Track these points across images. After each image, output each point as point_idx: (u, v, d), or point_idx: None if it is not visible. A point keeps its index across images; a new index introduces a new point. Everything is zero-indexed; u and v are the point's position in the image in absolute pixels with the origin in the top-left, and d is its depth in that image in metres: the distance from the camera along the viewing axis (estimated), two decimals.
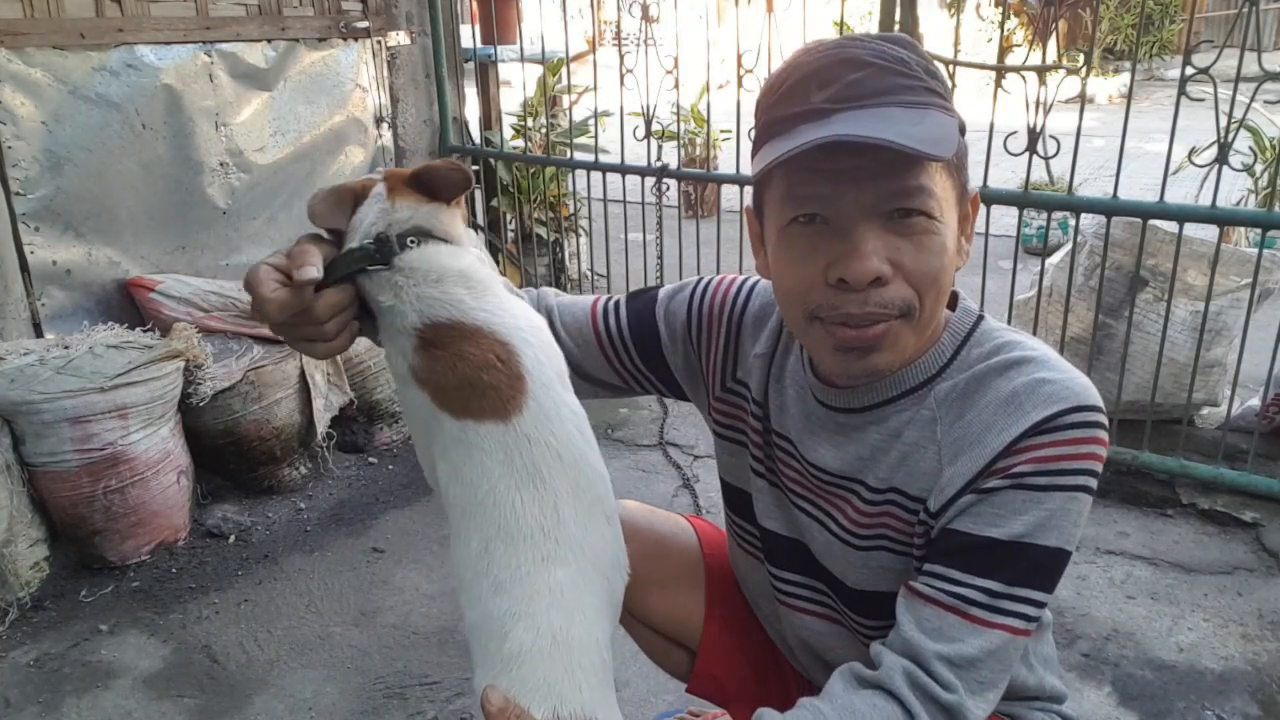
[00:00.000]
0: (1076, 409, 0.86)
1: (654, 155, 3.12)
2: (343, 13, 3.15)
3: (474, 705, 1.90)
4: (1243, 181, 3.84)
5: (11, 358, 2.24)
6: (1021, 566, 0.86)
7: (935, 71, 0.89)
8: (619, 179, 3.31)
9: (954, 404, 0.92)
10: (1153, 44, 13.06)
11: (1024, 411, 0.86)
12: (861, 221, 0.85)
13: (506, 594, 0.85)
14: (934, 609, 0.87)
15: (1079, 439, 0.86)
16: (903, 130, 0.81)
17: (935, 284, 0.88)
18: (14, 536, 2.20)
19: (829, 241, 0.87)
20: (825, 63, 0.86)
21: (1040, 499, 0.85)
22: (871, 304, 0.86)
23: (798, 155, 0.82)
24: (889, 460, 0.95)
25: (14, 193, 2.42)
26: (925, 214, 0.85)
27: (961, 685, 0.85)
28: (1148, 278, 2.63)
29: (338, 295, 0.93)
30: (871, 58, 0.85)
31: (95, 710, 1.91)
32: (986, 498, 0.87)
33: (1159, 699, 1.88)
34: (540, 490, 0.87)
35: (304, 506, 2.67)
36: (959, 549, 0.88)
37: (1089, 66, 2.57)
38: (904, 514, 0.94)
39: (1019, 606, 0.86)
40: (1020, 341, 0.94)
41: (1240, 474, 2.49)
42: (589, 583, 0.88)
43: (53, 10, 2.45)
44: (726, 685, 1.29)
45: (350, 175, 3.25)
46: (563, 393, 0.92)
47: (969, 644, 0.86)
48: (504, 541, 0.86)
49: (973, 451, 0.88)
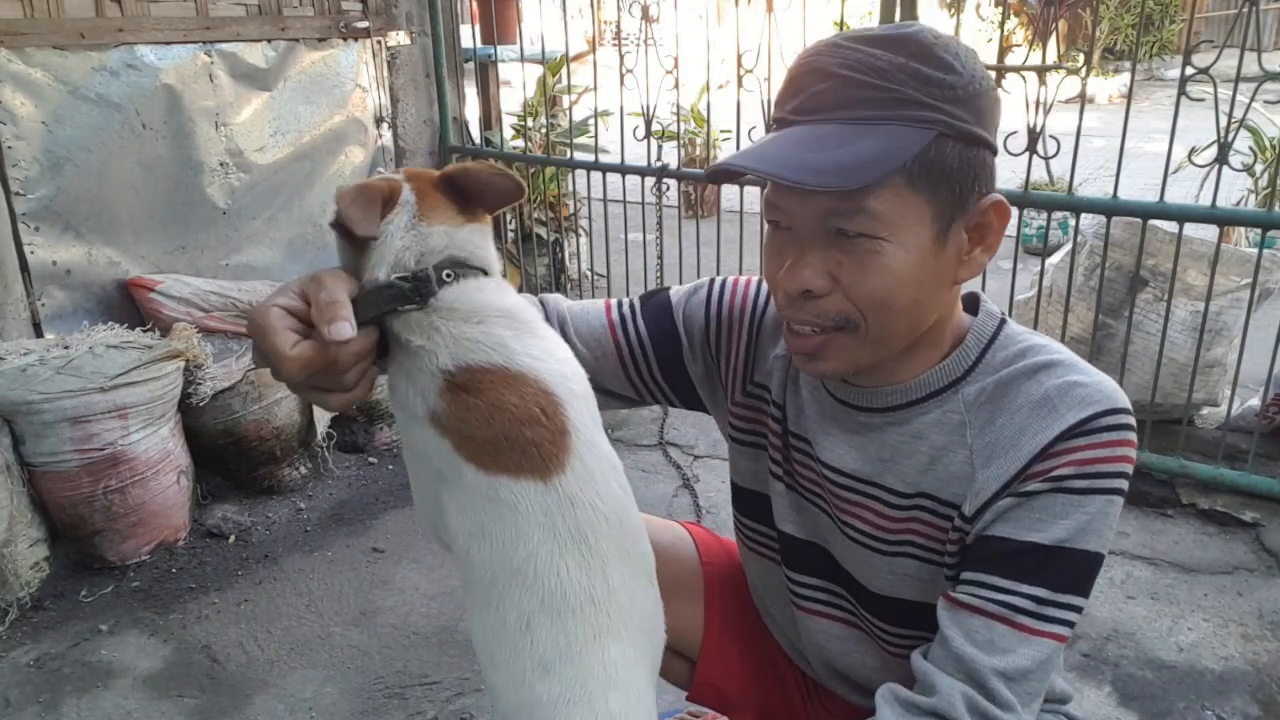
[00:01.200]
0: (1110, 411, 0.85)
1: (654, 155, 3.12)
2: (343, 13, 3.15)
3: (474, 705, 1.90)
4: (1243, 181, 3.84)
5: (11, 358, 2.24)
6: (1065, 572, 0.85)
7: (929, 77, 0.82)
8: (619, 179, 3.31)
9: (983, 407, 0.91)
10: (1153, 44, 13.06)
11: (1058, 414, 0.86)
12: (809, 234, 0.86)
13: (556, 677, 0.77)
14: (982, 619, 0.85)
15: (1113, 441, 0.85)
16: (822, 157, 0.79)
17: (880, 304, 0.86)
18: (14, 536, 2.20)
19: (790, 248, 0.88)
20: (802, 70, 0.86)
21: (1081, 503, 0.85)
22: (806, 314, 0.88)
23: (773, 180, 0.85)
24: (915, 463, 0.94)
25: (14, 193, 2.42)
26: (866, 235, 0.83)
27: (1018, 701, 0.84)
28: (1148, 278, 2.63)
29: (363, 342, 0.80)
30: (838, 68, 0.83)
31: (95, 710, 1.91)
32: (1026, 501, 0.86)
33: (1159, 699, 1.88)
34: (587, 557, 0.79)
35: (304, 506, 2.67)
36: (1001, 555, 0.86)
37: (1089, 66, 2.57)
38: (935, 519, 0.93)
39: (1063, 613, 0.85)
40: (1045, 345, 0.93)
41: (1240, 474, 2.49)
42: (640, 655, 0.82)
43: (53, 10, 2.45)
44: (727, 693, 1.28)
45: (350, 175, 3.25)
46: (604, 446, 0.85)
47: (1021, 654, 0.84)
48: (549, 616, 0.78)
49: (1007, 455, 0.87)
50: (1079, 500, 0.85)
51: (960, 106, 0.82)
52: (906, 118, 0.81)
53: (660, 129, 3.15)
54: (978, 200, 0.87)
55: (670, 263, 3.27)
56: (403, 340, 0.84)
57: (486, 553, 0.80)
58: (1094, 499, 0.85)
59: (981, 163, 0.85)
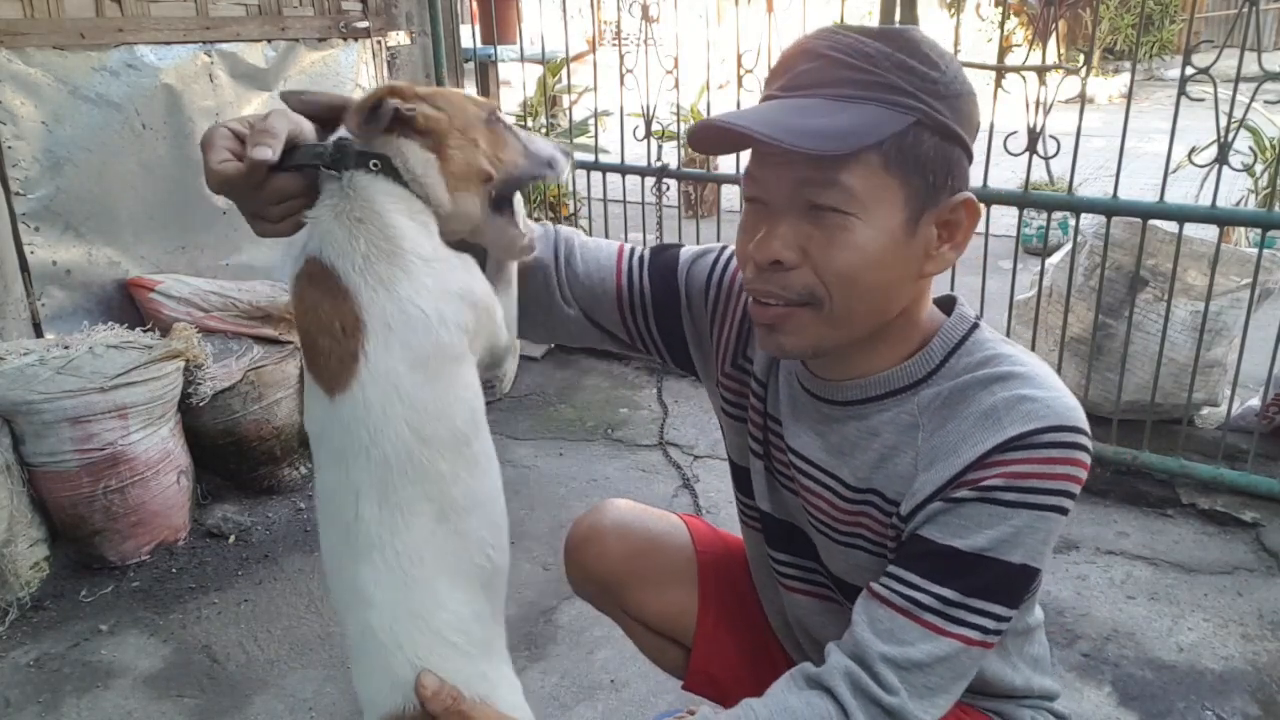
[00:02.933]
0: (1054, 428, 0.85)
1: (654, 155, 3.12)
2: (343, 13, 3.15)
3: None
4: (1243, 181, 3.84)
5: (11, 358, 2.24)
6: (981, 579, 0.86)
7: (915, 69, 0.84)
8: (619, 179, 3.31)
9: (937, 412, 0.92)
10: (1153, 44, 13.05)
11: (1000, 426, 0.86)
12: (781, 207, 0.87)
13: (332, 580, 0.87)
14: (888, 610, 0.88)
15: (1053, 459, 0.85)
16: (804, 123, 0.82)
17: (846, 280, 0.87)
18: (14, 536, 2.20)
19: (763, 221, 0.89)
20: (792, 51, 0.89)
21: (1006, 514, 0.85)
22: (773, 284, 0.89)
23: (751, 139, 0.84)
24: (867, 459, 0.95)
25: (14, 193, 2.42)
26: (837, 210, 0.85)
27: (905, 688, 0.85)
28: (1148, 278, 2.63)
29: (288, 182, 0.87)
30: (827, 49, 0.85)
31: (95, 710, 1.91)
32: (954, 507, 0.86)
33: (1159, 699, 1.88)
34: (343, 481, 0.83)
35: (304, 506, 2.67)
36: (920, 554, 0.88)
37: (1089, 66, 2.57)
38: (881, 515, 0.95)
39: (975, 618, 0.86)
40: (1011, 355, 0.92)
41: (1240, 474, 2.49)
42: (393, 592, 0.82)
43: (53, 10, 2.45)
44: (722, 681, 1.29)
45: None
46: (407, 387, 0.83)
47: (918, 648, 0.86)
48: (324, 520, 0.87)
49: (946, 460, 0.88)
50: (1005, 512, 0.85)
51: (941, 102, 0.85)
52: (888, 101, 0.84)
53: (660, 129, 3.15)
54: (949, 195, 0.88)
55: None
56: (312, 206, 0.88)
57: (309, 428, 0.89)
58: (1021, 512, 0.84)
59: (956, 159, 0.87)
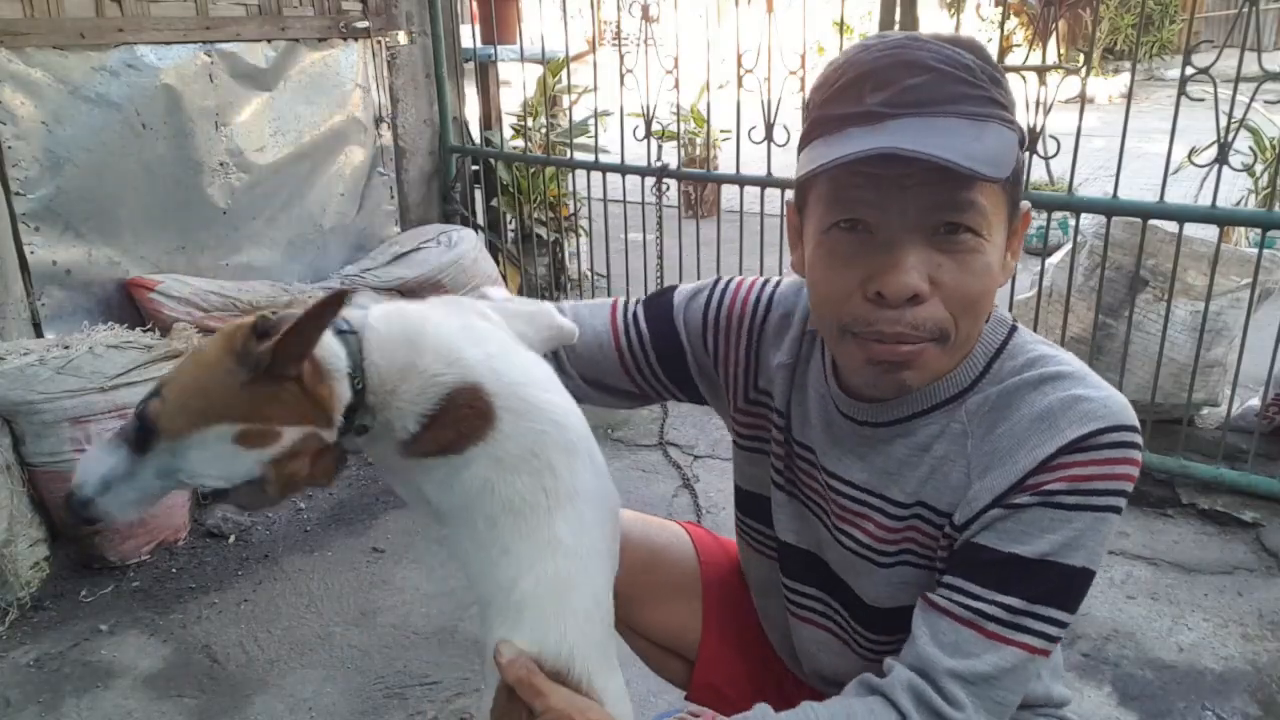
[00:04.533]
0: (1113, 428, 0.84)
1: (654, 155, 3.12)
2: (343, 13, 3.15)
3: (474, 705, 1.90)
4: (1243, 181, 3.84)
5: (11, 358, 2.24)
6: (1045, 585, 0.84)
7: (1001, 79, 0.84)
8: (619, 179, 3.31)
9: (985, 417, 0.90)
10: (1153, 44, 13.06)
11: (1059, 429, 0.84)
12: (905, 234, 0.82)
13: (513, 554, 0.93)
14: (950, 622, 0.86)
15: (1113, 459, 0.84)
16: (961, 146, 0.77)
17: (974, 307, 0.85)
18: (14, 536, 2.20)
19: (870, 252, 0.83)
20: (884, 63, 0.82)
21: (1069, 518, 0.84)
22: (905, 323, 0.83)
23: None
24: (917, 475, 0.93)
25: (14, 193, 2.42)
26: (973, 231, 0.82)
27: (971, 703, 0.84)
28: (1148, 278, 2.63)
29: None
30: (934, 61, 0.81)
31: (95, 710, 1.91)
32: (1014, 514, 0.85)
33: (1159, 699, 1.88)
34: (539, 466, 0.93)
35: (304, 506, 2.67)
36: (981, 564, 0.86)
37: (1089, 66, 2.57)
38: (929, 528, 0.93)
39: (1039, 625, 0.85)
40: (1055, 355, 0.91)
41: (1240, 474, 2.49)
42: (591, 525, 0.94)
43: (53, 10, 2.45)
44: (726, 694, 1.27)
45: (350, 175, 3.25)
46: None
47: (984, 660, 0.84)
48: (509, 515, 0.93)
49: (1003, 467, 0.86)
50: (1067, 515, 0.84)
51: (1013, 111, 0.85)
52: (1000, 119, 0.82)
53: (660, 129, 3.15)
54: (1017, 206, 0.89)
55: (670, 263, 3.27)
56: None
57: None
58: (1083, 515, 0.84)
59: (1021, 168, 0.87)
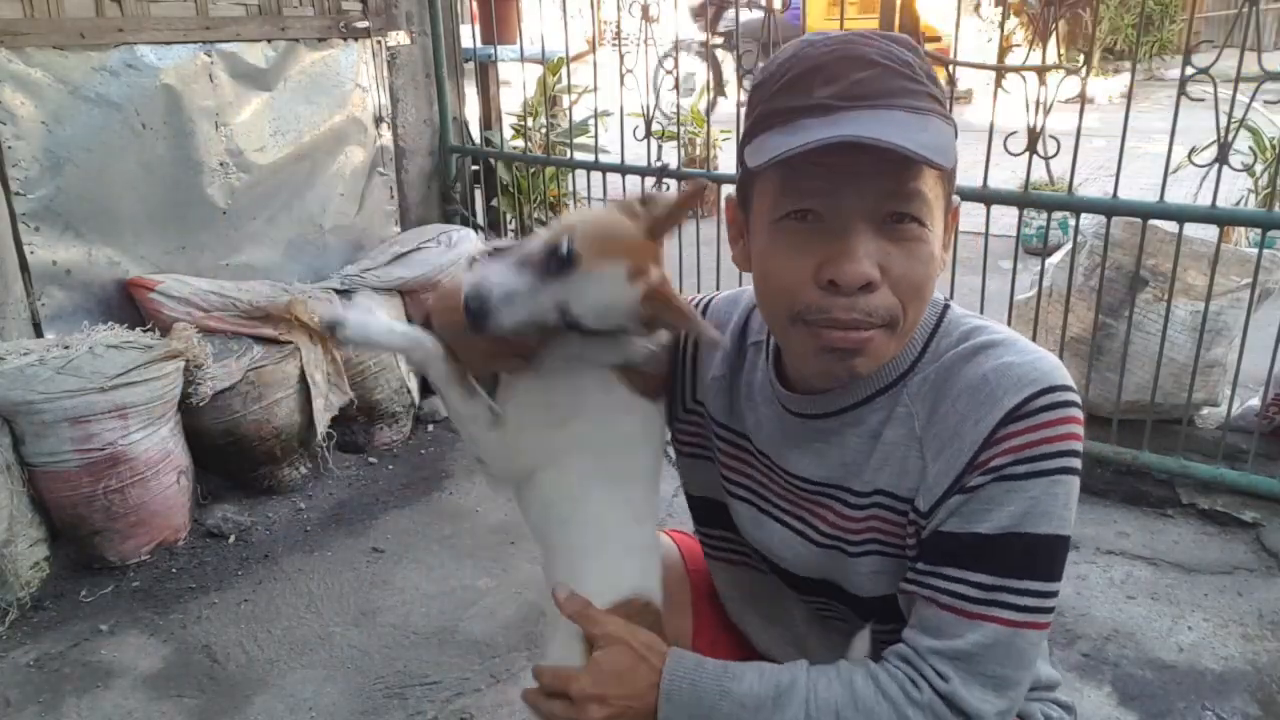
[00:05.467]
0: (1046, 390, 0.86)
1: (654, 155, 3.12)
2: (343, 13, 3.15)
3: (474, 705, 1.90)
4: (1243, 181, 3.84)
5: (11, 358, 2.24)
6: (1011, 557, 0.86)
7: (936, 77, 0.88)
8: (619, 179, 3.31)
9: (927, 396, 0.92)
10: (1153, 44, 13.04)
11: (995, 399, 0.86)
12: (857, 222, 0.84)
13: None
14: (928, 606, 0.89)
15: (1052, 421, 0.86)
16: (909, 135, 0.80)
17: (919, 294, 0.88)
18: (14, 536, 2.20)
19: (821, 240, 0.85)
20: (831, 58, 0.85)
21: (1023, 487, 0.85)
22: (859, 310, 0.85)
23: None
24: (871, 463, 0.95)
25: (14, 193, 2.42)
26: (918, 220, 0.85)
27: (958, 677, 0.86)
28: (1148, 278, 2.63)
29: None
30: (878, 57, 0.85)
31: (95, 710, 1.92)
32: (972, 495, 0.87)
33: (1159, 699, 1.88)
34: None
35: (304, 506, 2.67)
36: (948, 549, 0.88)
37: (1089, 66, 2.57)
38: (893, 515, 0.94)
39: (1014, 598, 0.86)
40: (985, 326, 0.94)
41: (1240, 474, 2.49)
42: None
43: (53, 10, 2.45)
44: None
45: (350, 175, 3.25)
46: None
47: (965, 639, 0.86)
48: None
49: (953, 445, 0.88)
50: (1020, 485, 0.85)
51: (947, 109, 0.89)
52: (939, 114, 0.85)
53: (660, 129, 3.14)
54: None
55: (670, 263, 3.26)
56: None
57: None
58: (1036, 482, 0.85)
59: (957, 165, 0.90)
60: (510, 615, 2.19)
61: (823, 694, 0.90)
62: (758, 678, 0.92)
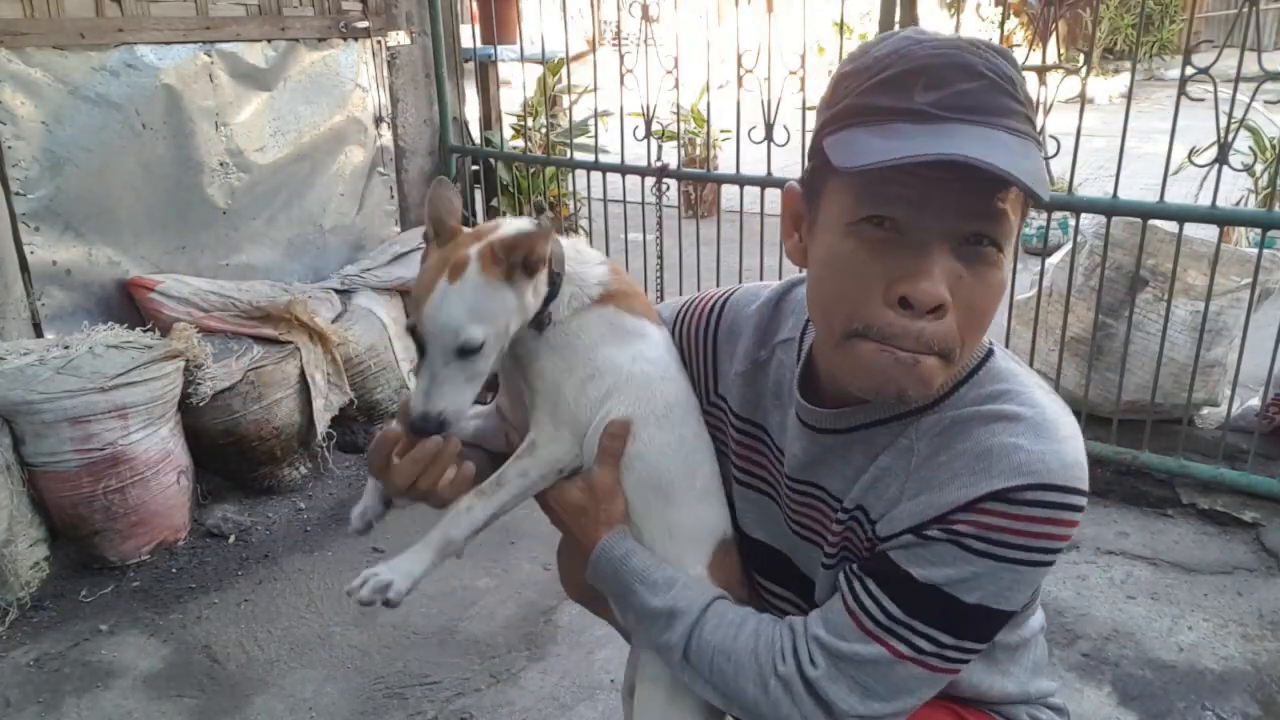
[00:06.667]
0: (1042, 486, 0.82)
1: (654, 155, 3.12)
2: (343, 13, 3.15)
3: (474, 705, 1.90)
4: (1243, 181, 3.84)
5: (11, 358, 2.24)
6: (928, 607, 0.86)
7: (1031, 98, 0.83)
8: (619, 179, 3.31)
9: (933, 440, 0.89)
10: (1153, 44, 13.05)
11: (990, 474, 0.84)
12: (937, 239, 0.80)
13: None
14: (839, 604, 0.92)
15: (1033, 518, 0.83)
16: (1014, 161, 0.76)
17: (980, 325, 0.85)
18: (14, 536, 2.20)
19: (897, 253, 0.81)
20: (936, 62, 0.79)
21: (969, 560, 0.84)
22: (926, 336, 0.81)
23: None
24: (862, 481, 0.94)
25: (14, 193, 2.42)
26: (996, 245, 0.81)
27: (826, 668, 0.89)
28: (1148, 278, 2.63)
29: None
30: (984, 69, 0.79)
31: (95, 710, 1.92)
32: (924, 544, 0.86)
33: (1159, 699, 1.88)
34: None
35: (304, 506, 2.67)
36: (880, 569, 0.89)
37: (1089, 66, 2.57)
38: (861, 531, 0.94)
39: (912, 637, 0.87)
40: (1021, 393, 0.89)
41: (1240, 474, 2.49)
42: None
43: (53, 10, 2.45)
44: None
45: (350, 175, 3.25)
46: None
47: (849, 645, 0.89)
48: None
49: (931, 495, 0.87)
50: (968, 557, 0.84)
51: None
52: (1035, 139, 0.82)
53: (660, 129, 3.14)
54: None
55: (670, 263, 3.26)
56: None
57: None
58: (985, 561, 0.84)
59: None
60: (510, 615, 2.19)
61: (708, 633, 0.96)
62: (662, 594, 0.99)
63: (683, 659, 0.97)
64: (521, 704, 1.91)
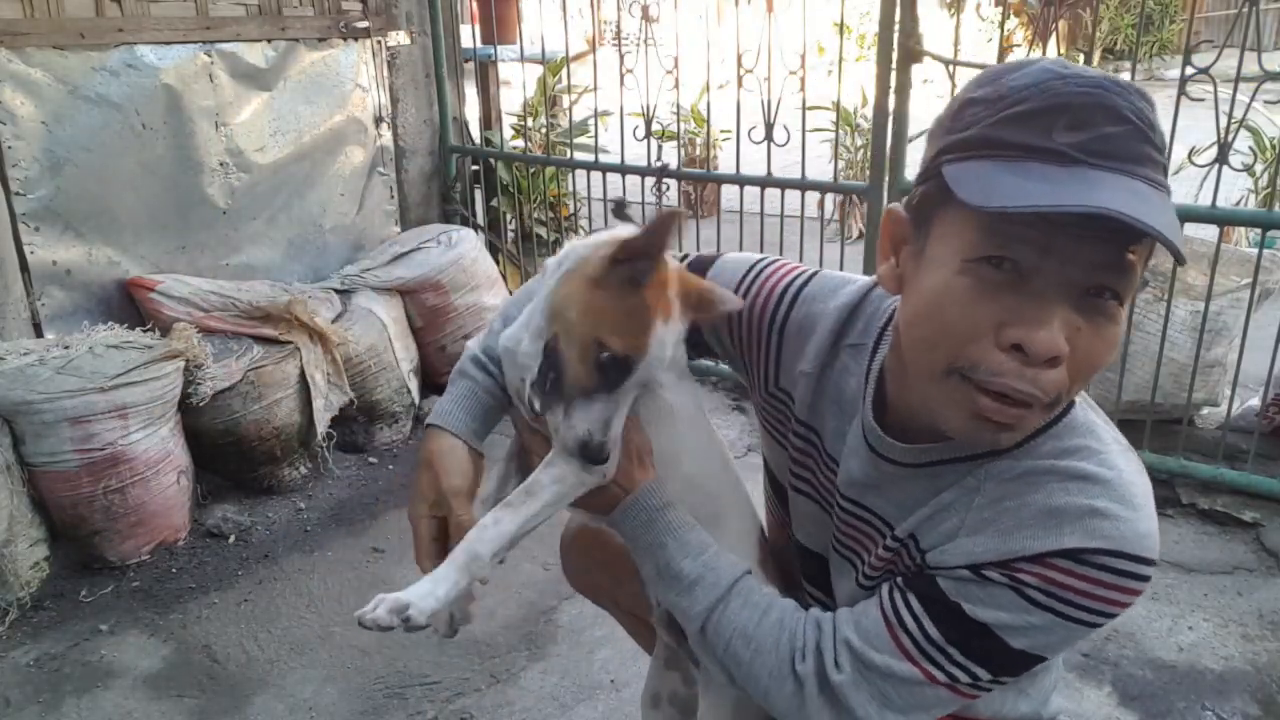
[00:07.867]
0: (1116, 554, 0.81)
1: (654, 155, 3.12)
2: (343, 13, 3.15)
3: (474, 705, 1.90)
4: (1243, 181, 3.84)
5: (11, 358, 2.24)
6: (971, 641, 0.85)
7: (1165, 143, 0.79)
8: (619, 179, 3.31)
9: (1002, 485, 0.87)
10: (1153, 44, 13.06)
11: (1061, 532, 0.82)
12: (1059, 288, 0.76)
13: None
14: (877, 614, 0.90)
15: (1102, 581, 0.81)
16: (1157, 216, 0.72)
17: (1089, 378, 0.82)
18: (14, 536, 2.20)
19: (1015, 296, 0.77)
20: (1081, 100, 0.75)
21: (1027, 609, 0.83)
22: (1034, 383, 0.78)
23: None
24: (920, 513, 0.93)
25: (14, 193, 2.42)
26: (1118, 298, 0.78)
27: (852, 673, 0.88)
28: (1148, 278, 2.63)
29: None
30: (1129, 113, 0.75)
31: (95, 710, 1.91)
32: (982, 582, 0.85)
33: (1159, 699, 1.88)
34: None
35: (304, 506, 2.67)
36: (928, 592, 0.88)
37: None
38: (908, 556, 0.94)
39: (947, 664, 0.86)
40: (1102, 453, 0.86)
41: (1240, 474, 2.49)
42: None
43: (53, 10, 2.45)
44: None
45: (350, 175, 3.25)
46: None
47: (880, 656, 0.88)
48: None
49: (993, 538, 0.85)
50: (1027, 606, 0.83)
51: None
52: (1168, 191, 0.78)
53: (660, 129, 3.15)
54: None
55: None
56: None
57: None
58: (1044, 614, 0.83)
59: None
60: (510, 615, 2.19)
61: (731, 613, 0.95)
62: (693, 557, 0.98)
63: (699, 632, 0.97)
64: (521, 704, 1.91)
